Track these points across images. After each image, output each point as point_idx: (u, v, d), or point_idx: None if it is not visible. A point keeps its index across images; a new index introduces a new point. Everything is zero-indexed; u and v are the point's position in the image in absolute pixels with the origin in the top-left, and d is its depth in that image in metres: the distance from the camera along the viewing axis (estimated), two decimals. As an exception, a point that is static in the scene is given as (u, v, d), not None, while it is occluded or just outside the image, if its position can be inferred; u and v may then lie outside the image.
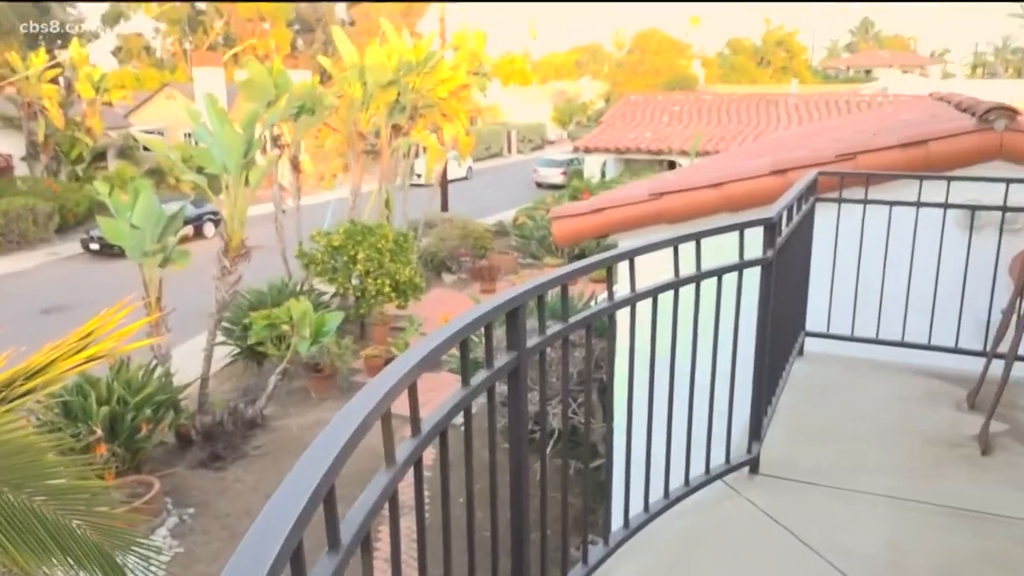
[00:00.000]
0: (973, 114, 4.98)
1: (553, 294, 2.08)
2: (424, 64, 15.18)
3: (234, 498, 8.01)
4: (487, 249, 17.98)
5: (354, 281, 12.18)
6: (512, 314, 1.78)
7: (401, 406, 1.39)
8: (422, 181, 18.89)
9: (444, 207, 22.07)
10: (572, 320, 2.04)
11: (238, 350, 11.01)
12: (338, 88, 14.92)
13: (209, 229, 21.33)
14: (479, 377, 1.69)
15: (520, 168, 36.58)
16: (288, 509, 1.01)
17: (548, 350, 2.02)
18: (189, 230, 21.23)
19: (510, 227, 20.60)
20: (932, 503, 2.71)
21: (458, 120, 16.79)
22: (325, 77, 20.62)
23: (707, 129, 22.69)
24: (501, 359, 1.79)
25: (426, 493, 6.67)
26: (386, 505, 1.31)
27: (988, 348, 3.52)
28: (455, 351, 1.63)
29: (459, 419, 1.62)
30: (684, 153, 20.72)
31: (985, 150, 4.76)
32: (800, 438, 3.19)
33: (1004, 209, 3.85)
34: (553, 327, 1.98)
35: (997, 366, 3.24)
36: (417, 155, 18.68)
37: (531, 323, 1.93)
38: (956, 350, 3.89)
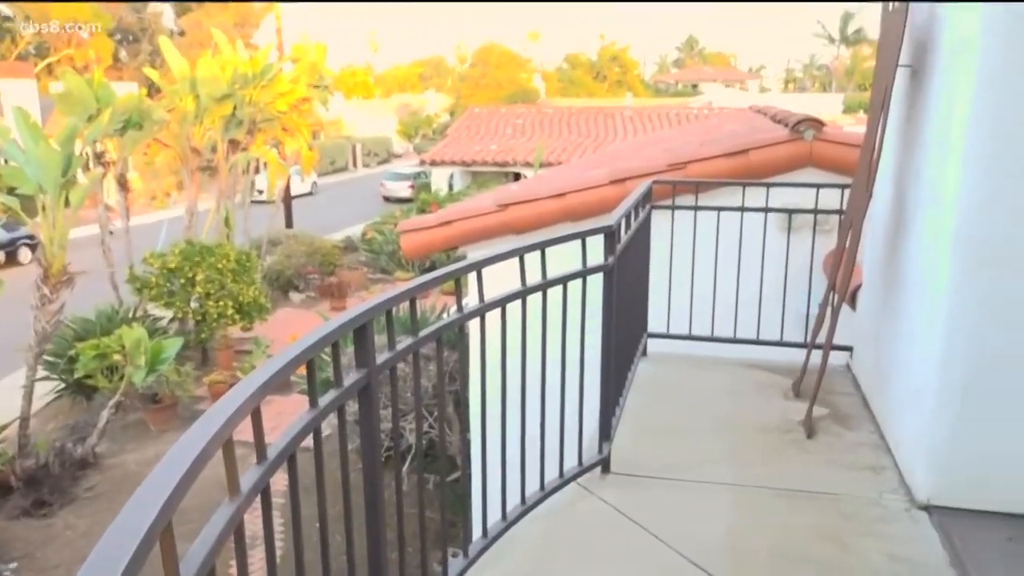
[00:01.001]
0: (786, 125, 5.42)
1: (403, 308, 2.06)
2: (261, 76, 14.69)
3: (63, 546, 7.37)
4: (336, 265, 17.60)
5: (193, 304, 11.56)
6: (360, 331, 1.75)
7: (250, 432, 1.34)
8: (264, 198, 18.25)
9: (289, 224, 21.41)
10: (422, 334, 2.03)
11: (63, 385, 10.16)
12: (168, 101, 14.15)
13: (24, 255, 19.57)
14: (328, 397, 1.64)
15: (367, 182, 36.13)
16: (120, 551, 0.93)
17: (401, 365, 2.00)
18: (0, 256, 19.40)
19: (359, 242, 20.28)
20: (768, 487, 2.90)
21: (300, 134, 16.36)
22: (153, 90, 19.50)
23: (549, 141, 23.35)
24: (350, 377, 1.75)
25: (279, 521, 6.40)
26: (232, 538, 1.24)
27: (808, 340, 3.83)
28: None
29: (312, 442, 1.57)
30: (528, 165, 21.21)
31: (798, 158, 5.19)
32: (647, 435, 3.34)
33: (816, 212, 4.21)
34: (403, 342, 1.97)
35: (817, 355, 3.52)
36: (258, 171, 18.02)
37: (381, 339, 1.91)
38: (781, 343, 4.21)
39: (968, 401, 2.62)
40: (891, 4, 3.25)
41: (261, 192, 19.04)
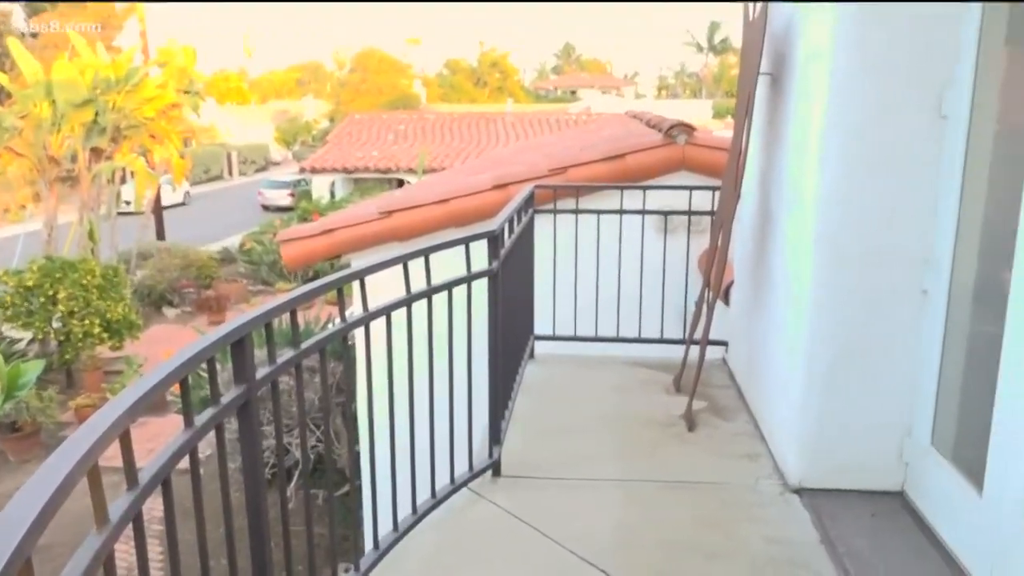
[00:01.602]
0: (660, 130, 5.62)
1: (286, 321, 2.00)
2: (125, 81, 13.93)
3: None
4: (213, 278, 16.89)
5: (55, 324, 10.80)
6: (238, 345, 1.69)
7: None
8: (132, 208, 17.30)
9: (160, 235, 20.37)
10: (304, 345, 1.98)
11: (-92, 418, 9.28)
12: (20, 107, 13.20)
13: None
14: (205, 416, 1.57)
15: (244, 191, 34.88)
16: (-30, 597, 0.86)
17: (285, 378, 1.94)
18: None
19: (237, 253, 19.54)
20: (653, 480, 3.00)
21: (169, 142, 15.61)
22: (3, 95, 18.13)
23: (432, 147, 23.29)
24: (229, 394, 1.68)
25: (159, 550, 6.06)
26: (101, 572, 1.17)
27: (686, 336, 3.98)
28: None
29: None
30: (411, 171, 21.07)
31: (672, 162, 5.40)
32: (537, 436, 3.37)
33: (690, 213, 4.39)
34: (285, 355, 1.91)
35: (695, 351, 3.67)
36: (124, 180, 17.07)
37: (262, 354, 1.84)
38: (662, 340, 4.36)
39: (831, 390, 2.80)
40: (751, 14, 3.43)
41: (128, 203, 18.03)
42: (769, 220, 3.44)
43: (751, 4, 3.43)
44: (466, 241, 2.71)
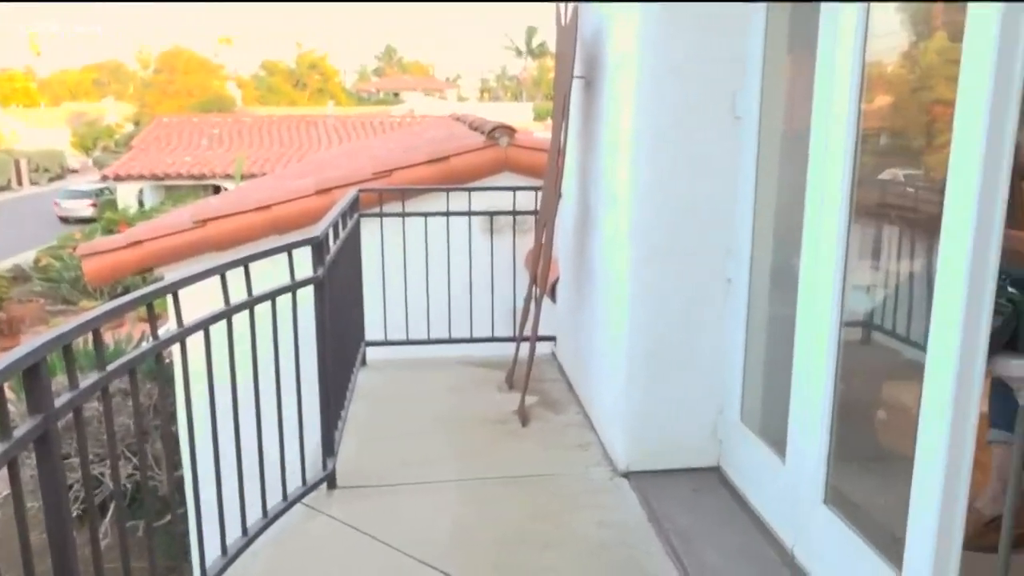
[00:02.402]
0: (483, 132, 5.71)
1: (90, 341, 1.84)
2: None
3: None
4: (3, 299, 15.27)
5: None
6: (31, 371, 1.53)
7: None
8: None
9: (-64, 254, 18.14)
10: (111, 367, 1.83)
11: None
12: None
13: None
14: (-6, 453, 1.41)
15: (37, 201, 31.78)
16: None
17: (94, 404, 1.78)
18: None
19: (31, 270, 17.77)
20: (489, 477, 3.04)
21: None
22: None
23: (250, 151, 22.30)
24: (23, 426, 1.52)
25: (-52, 607, 5.36)
26: None
27: (516, 333, 4.07)
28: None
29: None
30: (229, 176, 20.05)
31: (495, 163, 5.50)
32: (372, 444, 3.32)
33: (514, 213, 4.49)
34: (88, 379, 1.75)
35: (525, 347, 3.75)
36: None
37: (64, 379, 1.68)
38: (493, 339, 4.43)
39: (650, 376, 2.96)
40: (564, 19, 3.56)
41: None
42: (589, 217, 3.58)
43: (563, 9, 3.56)
44: (289, 248, 2.61)
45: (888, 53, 2.67)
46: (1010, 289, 1.96)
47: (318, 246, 2.75)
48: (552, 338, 4.40)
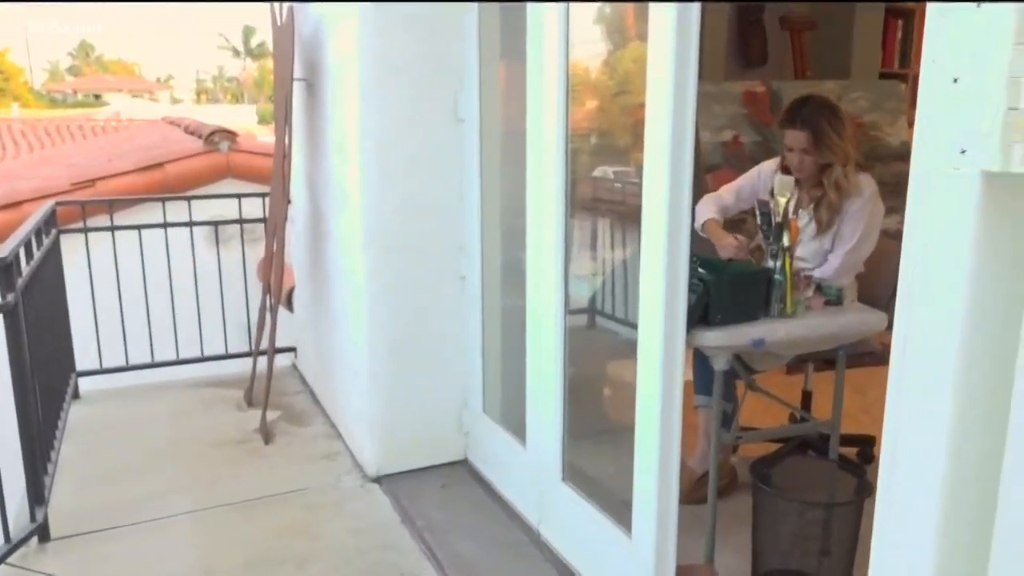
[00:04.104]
0: (200, 137, 5.35)
1: None
2: None
3: None
4: None
5: None
6: None
7: None
8: None
9: None
10: None
11: None
12: None
13: None
14: None
15: None
16: None
17: None
18: None
19: None
20: (233, 502, 2.86)
21: None
22: None
23: (-88, 162, 18.94)
24: None
25: None
26: None
27: (253, 347, 3.87)
28: None
29: None
30: None
31: (217, 169, 5.19)
32: (92, 486, 2.98)
33: (241, 222, 4.26)
34: None
35: (263, 361, 3.58)
36: None
37: None
38: (228, 356, 4.17)
39: (394, 377, 2.97)
40: (279, 18, 3.44)
41: None
42: (321, 222, 3.50)
43: (278, 9, 3.44)
44: (-33, 273, 2.25)
45: (593, 60, 2.92)
46: (700, 270, 2.23)
47: (6, 269, 2.40)
48: (292, 349, 4.25)
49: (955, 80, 0.86)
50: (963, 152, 0.86)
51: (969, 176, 0.86)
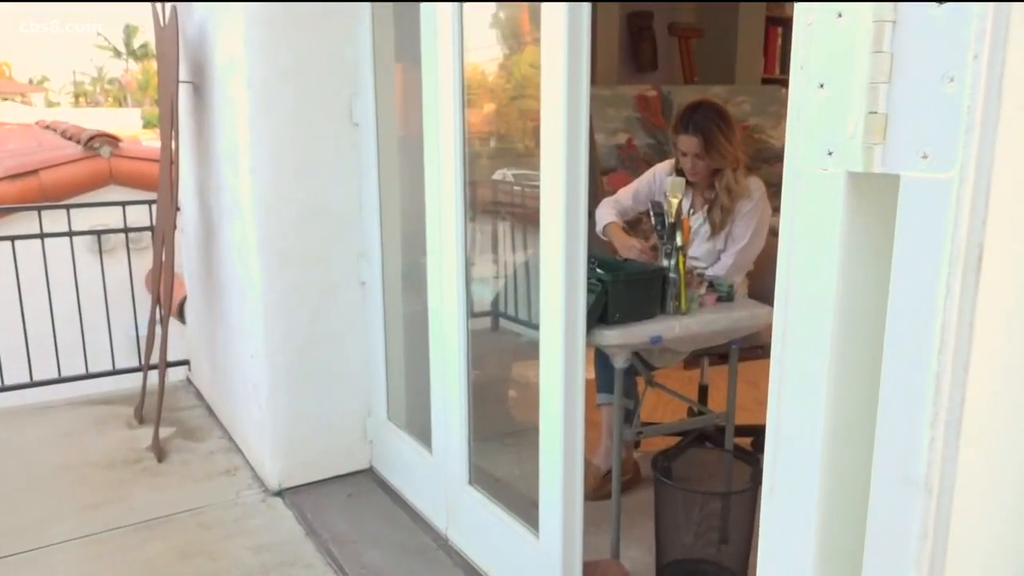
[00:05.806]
0: (79, 142, 5.07)
1: None
2: None
3: None
4: None
5: None
6: None
7: None
8: None
9: None
10: None
11: None
12: None
13: None
14: None
15: None
16: None
17: None
18: None
19: None
20: (123, 525, 2.72)
21: None
22: None
23: None
24: None
25: None
26: None
27: (143, 362, 3.70)
28: None
29: None
30: None
31: (98, 176, 4.93)
32: (-35, 516, 2.78)
33: (127, 231, 4.06)
34: None
35: (154, 376, 3.43)
36: None
37: None
38: (115, 372, 3.97)
39: (294, 387, 2.90)
40: (162, 19, 3.30)
41: None
42: (213, 230, 3.38)
43: (160, 9, 3.30)
44: None
45: (490, 63, 2.93)
46: (598, 270, 2.27)
47: None
48: (185, 362, 4.08)
49: (821, 85, 0.91)
50: (830, 154, 0.91)
51: (836, 176, 0.91)
